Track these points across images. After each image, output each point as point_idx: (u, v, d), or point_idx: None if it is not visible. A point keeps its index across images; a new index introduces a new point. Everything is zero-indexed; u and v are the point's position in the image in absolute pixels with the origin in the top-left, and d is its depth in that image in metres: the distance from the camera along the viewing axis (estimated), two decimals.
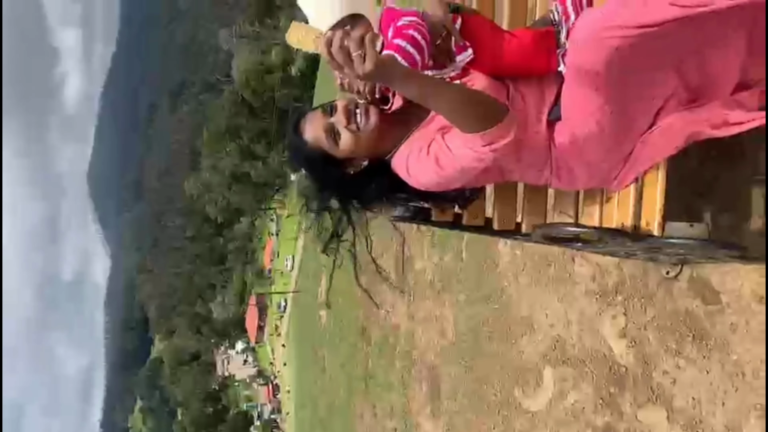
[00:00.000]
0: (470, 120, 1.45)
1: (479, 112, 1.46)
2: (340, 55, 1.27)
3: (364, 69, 1.26)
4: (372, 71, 1.27)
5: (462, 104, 1.45)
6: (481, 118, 1.45)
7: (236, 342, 74.47)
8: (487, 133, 1.44)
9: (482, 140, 1.46)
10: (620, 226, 1.84)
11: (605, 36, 1.40)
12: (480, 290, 3.96)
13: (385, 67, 1.30)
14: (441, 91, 1.46)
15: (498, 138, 1.46)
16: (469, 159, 1.51)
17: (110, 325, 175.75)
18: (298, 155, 1.73)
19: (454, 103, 1.45)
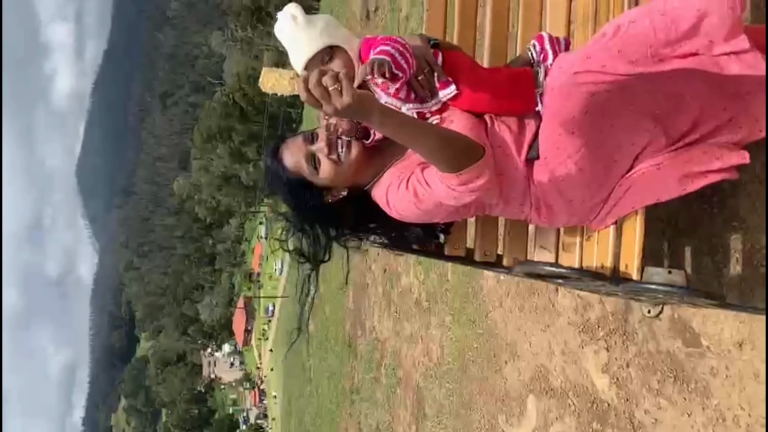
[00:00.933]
0: (446, 160, 1.46)
1: (455, 152, 1.47)
2: (317, 91, 1.25)
3: (342, 102, 1.26)
4: (350, 104, 1.26)
5: (439, 145, 1.46)
6: (457, 158, 1.46)
7: (223, 344, 74.12)
8: (462, 173, 1.46)
9: (458, 180, 1.47)
10: (600, 267, 1.85)
11: (581, 82, 1.41)
12: (465, 313, 3.96)
13: (362, 102, 1.30)
14: (418, 131, 1.47)
15: (473, 178, 1.47)
16: (445, 196, 1.52)
17: (96, 323, 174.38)
18: (276, 180, 1.72)
19: (431, 143, 1.45)
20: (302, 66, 1.62)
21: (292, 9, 1.61)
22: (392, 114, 1.44)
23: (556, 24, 1.96)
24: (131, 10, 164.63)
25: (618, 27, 1.40)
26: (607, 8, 1.81)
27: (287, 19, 1.60)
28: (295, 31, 1.60)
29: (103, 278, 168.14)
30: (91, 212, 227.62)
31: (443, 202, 1.54)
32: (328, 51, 1.61)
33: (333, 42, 1.61)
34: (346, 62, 1.63)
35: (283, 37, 1.63)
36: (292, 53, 1.63)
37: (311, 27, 1.60)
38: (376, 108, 1.36)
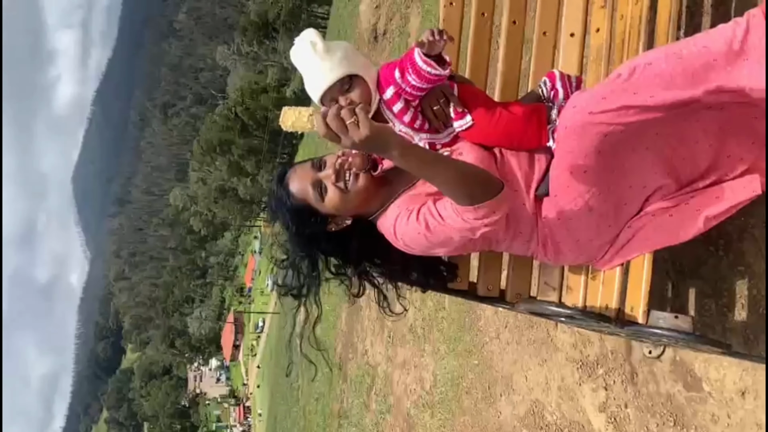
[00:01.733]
0: (464, 194, 1.45)
1: (474, 186, 1.45)
2: (334, 124, 1.27)
3: (359, 135, 1.27)
4: (368, 137, 1.27)
5: (457, 178, 1.45)
6: (476, 192, 1.45)
7: (210, 359, 73.34)
8: (480, 206, 1.44)
9: (474, 213, 1.45)
10: (604, 308, 1.84)
11: (595, 122, 1.41)
12: (461, 343, 3.92)
13: (380, 135, 1.31)
14: (438, 164, 1.45)
15: (490, 212, 1.46)
16: (459, 229, 1.51)
17: (82, 332, 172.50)
18: (280, 205, 1.69)
19: (450, 176, 1.44)
20: (321, 94, 1.60)
21: (312, 36, 1.59)
22: (411, 147, 1.43)
23: (569, 61, 1.97)
24: (138, 19, 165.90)
25: (634, 68, 1.39)
26: (621, 48, 1.82)
27: (306, 46, 1.58)
28: (315, 58, 1.58)
29: (92, 287, 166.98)
30: (84, 220, 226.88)
31: (455, 235, 1.53)
32: (347, 80, 1.59)
33: (352, 71, 1.59)
34: (364, 91, 1.62)
35: (301, 63, 1.61)
36: (310, 80, 1.61)
37: (331, 55, 1.58)
38: (394, 141, 1.36)
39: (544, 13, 1.99)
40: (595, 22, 1.94)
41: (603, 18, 1.91)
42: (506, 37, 2.00)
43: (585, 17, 1.96)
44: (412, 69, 1.61)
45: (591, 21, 1.96)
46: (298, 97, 49.64)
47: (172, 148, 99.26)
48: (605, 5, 1.92)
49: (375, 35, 8.16)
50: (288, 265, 1.78)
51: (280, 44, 50.30)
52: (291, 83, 50.64)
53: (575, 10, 1.97)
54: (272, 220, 1.79)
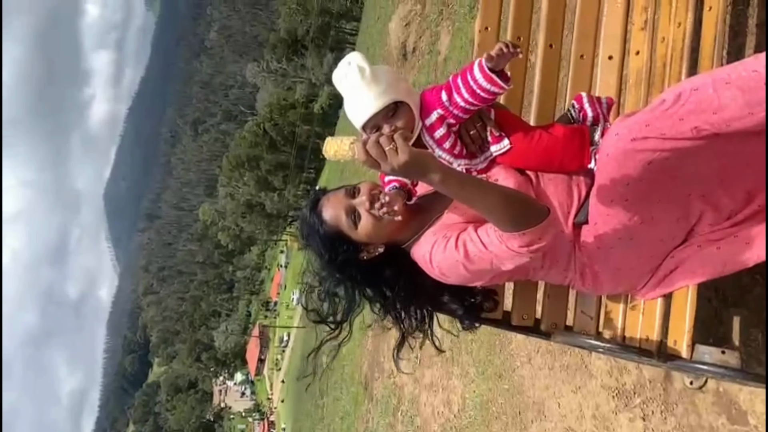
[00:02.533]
0: (508, 219, 1.40)
1: (518, 211, 1.41)
2: (374, 150, 1.28)
3: (398, 161, 1.27)
4: (406, 162, 1.27)
5: (502, 203, 1.40)
6: (520, 218, 1.40)
7: (235, 373, 73.64)
8: (526, 233, 1.39)
9: (520, 240, 1.40)
10: (645, 340, 1.77)
11: (638, 149, 1.37)
12: (491, 366, 3.85)
13: (419, 161, 1.30)
14: (481, 189, 1.42)
15: (535, 240, 1.41)
16: (503, 257, 1.46)
17: (110, 346, 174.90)
18: (312, 232, 1.66)
19: (493, 201, 1.40)
20: (365, 120, 1.57)
21: (359, 60, 1.55)
22: (452, 171, 1.41)
23: (607, 84, 1.94)
24: (170, 39, 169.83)
25: (679, 94, 1.36)
26: (663, 71, 1.78)
27: (354, 71, 1.54)
28: (362, 84, 1.54)
29: (121, 301, 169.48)
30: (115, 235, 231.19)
31: (496, 263, 1.48)
32: (393, 106, 1.56)
33: (398, 98, 1.56)
34: (408, 118, 1.59)
35: (346, 88, 1.57)
36: (355, 107, 1.58)
37: (377, 81, 1.55)
38: (434, 165, 1.33)
39: (581, 35, 1.96)
40: (634, 44, 1.91)
41: (643, 40, 1.88)
42: (542, 60, 1.97)
43: (624, 39, 1.92)
44: (465, 86, 1.57)
45: (630, 43, 1.93)
46: (326, 112, 50.24)
47: (202, 164, 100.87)
48: (645, 27, 1.88)
49: (404, 53, 8.18)
50: (322, 292, 1.75)
51: (309, 60, 51.00)
52: (319, 99, 51.27)
53: (614, 32, 1.94)
54: (304, 247, 1.76)
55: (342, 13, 46.53)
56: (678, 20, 1.73)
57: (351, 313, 1.75)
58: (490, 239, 1.46)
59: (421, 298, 1.80)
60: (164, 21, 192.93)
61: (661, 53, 1.80)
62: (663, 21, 1.80)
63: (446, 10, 6.49)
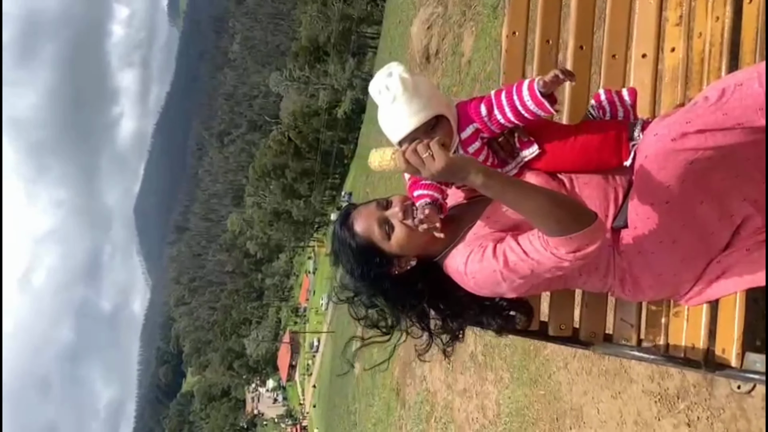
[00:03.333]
0: (555, 222, 1.36)
1: (566, 215, 1.37)
2: (413, 158, 1.31)
3: (435, 167, 1.30)
4: (443, 168, 1.30)
5: (547, 205, 1.37)
6: (568, 221, 1.36)
7: (267, 379, 74.18)
8: (573, 237, 1.35)
9: (568, 245, 1.36)
10: (690, 348, 1.71)
11: (679, 149, 1.32)
12: (526, 372, 3.79)
13: (456, 164, 1.32)
14: (525, 191, 1.39)
15: (584, 245, 1.37)
16: (548, 264, 1.41)
17: (144, 358, 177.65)
18: (343, 246, 1.63)
19: (539, 203, 1.37)
20: (406, 134, 1.52)
21: (401, 71, 1.51)
22: (496, 174, 1.38)
23: (642, 84, 1.88)
24: (194, 53, 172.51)
25: (723, 91, 1.31)
26: (701, 68, 1.72)
27: (395, 82, 1.50)
28: (404, 97, 1.50)
29: (153, 314, 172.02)
30: (146, 248, 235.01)
31: (538, 272, 1.44)
32: (433, 120, 1.52)
33: (440, 111, 1.53)
34: (447, 132, 1.56)
35: (387, 99, 1.52)
36: (395, 119, 1.53)
37: (419, 94, 1.50)
38: (474, 167, 1.33)
39: (612, 34, 1.91)
40: (669, 41, 1.85)
41: (678, 36, 1.82)
42: (573, 63, 1.93)
43: (658, 36, 1.87)
44: (510, 105, 1.54)
45: (665, 40, 1.87)
46: (349, 117, 50.40)
47: (229, 174, 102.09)
48: (680, 23, 1.82)
49: (427, 56, 8.15)
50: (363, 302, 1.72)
51: (331, 67, 51.29)
52: (342, 104, 51.50)
53: (647, 29, 1.89)
54: (335, 264, 1.73)
55: (363, 18, 46.71)
56: (716, 14, 1.67)
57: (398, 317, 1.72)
58: (533, 246, 1.42)
59: (454, 312, 1.76)
60: (187, 36, 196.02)
61: (698, 49, 1.75)
62: (699, 15, 1.75)
63: (469, 11, 6.45)
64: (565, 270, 1.42)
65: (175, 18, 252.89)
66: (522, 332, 2.02)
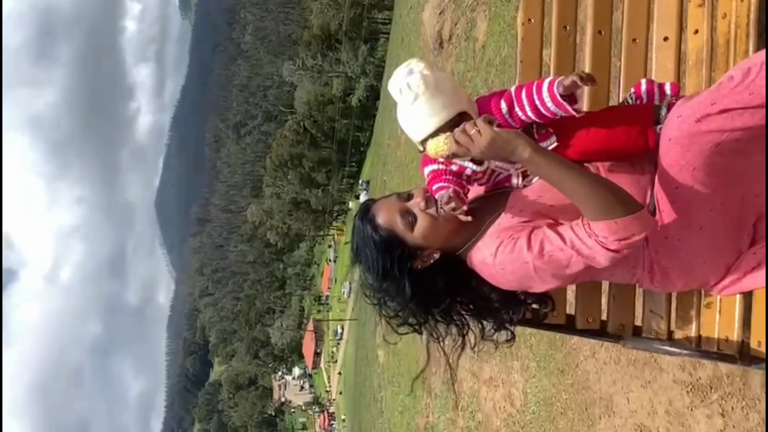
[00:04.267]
0: (605, 204, 1.33)
1: (614, 197, 1.35)
2: (462, 137, 1.35)
3: (483, 141, 1.34)
4: (490, 141, 1.34)
5: (596, 186, 1.35)
6: (617, 204, 1.34)
7: (293, 368, 75.03)
8: (620, 222, 1.32)
9: (615, 232, 1.33)
10: (724, 340, 1.65)
11: (704, 130, 1.27)
12: (553, 361, 3.74)
13: (503, 137, 1.34)
14: (573, 171, 1.37)
15: (632, 234, 1.33)
16: (591, 253, 1.37)
17: (171, 349, 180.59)
18: (365, 239, 1.58)
19: (588, 183, 1.36)
20: (429, 132, 1.48)
21: (422, 67, 1.47)
22: (543, 150, 1.39)
23: (664, 68, 1.81)
24: (207, 46, 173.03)
25: (749, 69, 1.25)
26: (726, 50, 1.65)
27: (417, 80, 1.46)
28: (426, 95, 1.46)
29: (179, 305, 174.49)
30: (168, 241, 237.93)
31: (578, 260, 1.40)
32: (457, 118, 1.47)
33: (462, 109, 1.49)
34: None
35: (408, 97, 1.48)
36: (417, 118, 1.48)
37: (441, 91, 1.46)
38: (521, 143, 1.35)
39: (632, 18, 1.83)
40: (692, 23, 1.77)
41: (702, 18, 1.74)
42: (592, 49, 1.86)
43: (680, 18, 1.79)
44: (530, 103, 1.49)
45: (687, 22, 1.79)
46: (363, 105, 50.25)
47: (246, 165, 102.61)
48: (703, 3, 1.74)
49: (440, 42, 8.04)
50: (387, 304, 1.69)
51: (344, 54, 51.08)
52: (356, 92, 51.33)
53: (668, 11, 1.81)
54: (356, 261, 1.69)
55: (373, 4, 46.36)
56: None
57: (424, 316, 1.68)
58: (575, 234, 1.38)
59: (479, 307, 1.72)
60: (200, 29, 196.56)
61: (723, 30, 1.67)
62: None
63: None
64: (610, 260, 1.38)
65: (187, 11, 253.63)
66: (549, 326, 1.97)
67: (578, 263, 1.41)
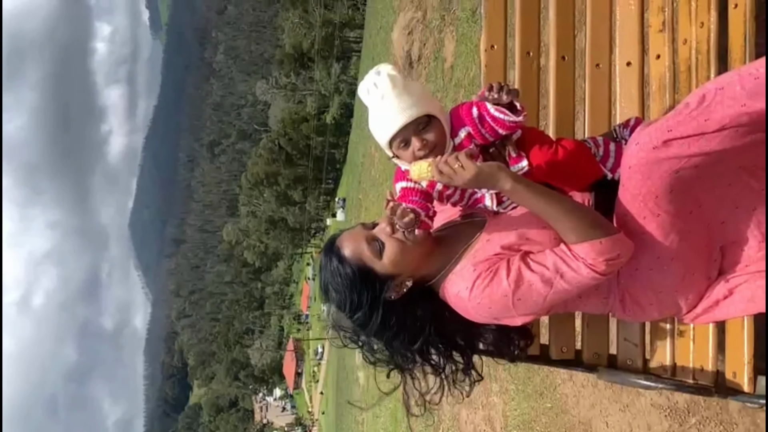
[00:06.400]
0: (589, 225, 1.35)
1: (594, 220, 1.37)
2: (444, 168, 1.36)
3: (465, 176, 1.34)
4: (472, 176, 1.34)
5: (576, 211, 1.37)
6: (599, 226, 1.35)
7: (274, 388, 74.03)
8: (604, 241, 1.33)
9: (601, 253, 1.33)
10: (699, 370, 1.62)
11: (662, 157, 1.25)
12: (531, 384, 3.69)
13: (485, 172, 1.35)
14: (554, 197, 1.39)
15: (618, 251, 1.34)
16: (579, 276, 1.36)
17: (150, 373, 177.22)
18: (333, 275, 1.50)
19: (569, 208, 1.37)
20: (395, 131, 1.47)
21: (389, 69, 1.48)
22: (524, 180, 1.39)
23: (628, 93, 1.80)
24: (179, 65, 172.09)
25: (703, 96, 1.24)
26: (688, 76, 1.63)
27: (384, 80, 1.46)
28: (393, 93, 1.46)
29: (156, 328, 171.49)
30: (144, 263, 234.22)
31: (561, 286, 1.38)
32: (424, 119, 1.47)
33: (431, 111, 1.48)
34: (440, 131, 1.50)
35: (375, 97, 1.48)
36: (384, 117, 1.48)
37: (409, 92, 1.47)
38: (503, 175, 1.36)
39: (594, 43, 1.82)
40: (654, 48, 1.76)
41: (663, 43, 1.73)
42: (555, 75, 1.84)
43: (641, 43, 1.78)
44: (489, 116, 1.50)
45: (649, 47, 1.78)
46: (338, 122, 50.29)
47: (221, 185, 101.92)
48: (664, 29, 1.73)
49: (410, 61, 8.05)
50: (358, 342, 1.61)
51: (317, 72, 51.19)
52: (330, 109, 51.38)
53: (629, 36, 1.80)
54: (325, 300, 1.60)
55: (345, 23, 46.61)
56: (700, 20, 1.57)
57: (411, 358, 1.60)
58: (559, 258, 1.38)
59: (455, 340, 1.65)
60: (171, 48, 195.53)
61: (684, 56, 1.65)
62: (683, 21, 1.65)
63: (448, 15, 6.35)
64: (597, 280, 1.38)
65: (158, 31, 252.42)
66: (523, 357, 1.92)
67: (559, 290, 1.38)
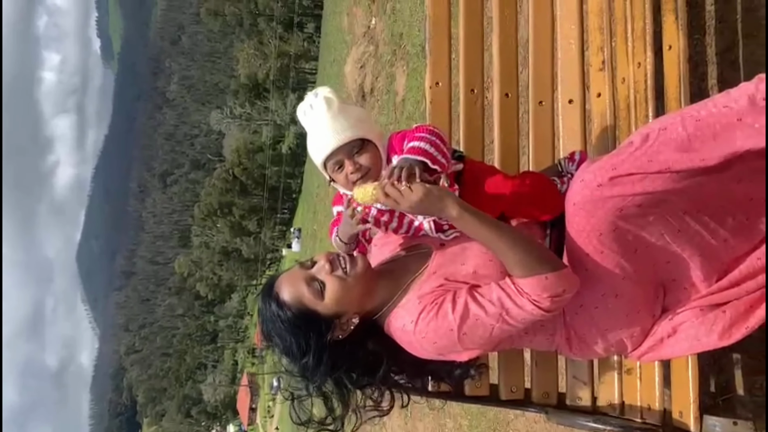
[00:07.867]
0: (535, 259, 1.32)
1: (541, 254, 1.34)
2: (391, 191, 1.34)
3: (412, 199, 1.33)
4: (420, 199, 1.33)
5: (523, 243, 1.34)
6: (545, 260, 1.32)
7: (228, 425, 71.80)
8: (550, 277, 1.29)
9: (546, 289, 1.30)
10: (646, 409, 1.63)
11: (606, 195, 1.25)
12: (484, 419, 3.65)
13: (433, 195, 1.34)
14: (501, 228, 1.35)
15: (564, 287, 1.31)
16: (523, 312, 1.33)
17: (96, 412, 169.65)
18: (273, 321, 1.43)
19: (515, 239, 1.33)
20: (329, 152, 1.49)
21: (327, 92, 1.49)
22: (470, 209, 1.37)
23: (571, 130, 1.82)
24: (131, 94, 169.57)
25: (647, 135, 1.25)
26: (627, 115, 1.66)
27: (320, 102, 1.48)
28: (328, 115, 1.47)
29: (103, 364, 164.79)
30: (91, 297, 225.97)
31: (506, 322, 1.34)
32: (359, 143, 1.48)
33: (365, 135, 1.49)
34: (374, 156, 1.51)
35: (311, 119, 1.49)
36: (318, 138, 1.49)
37: (345, 115, 1.48)
38: (450, 201, 1.34)
39: (537, 81, 1.84)
40: (595, 86, 1.80)
41: (603, 82, 1.77)
42: (500, 111, 1.85)
43: (583, 82, 1.81)
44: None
45: (590, 85, 1.81)
46: (294, 152, 50.29)
47: (173, 215, 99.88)
48: (603, 68, 1.77)
49: (363, 94, 8.13)
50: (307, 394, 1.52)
51: (272, 103, 51.26)
52: (285, 139, 51.36)
53: (571, 74, 1.83)
54: (268, 346, 1.52)
55: (300, 54, 46.98)
56: (637, 60, 1.61)
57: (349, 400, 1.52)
58: (504, 293, 1.34)
59: (405, 374, 1.60)
60: (123, 78, 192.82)
61: (624, 95, 1.69)
62: (621, 61, 1.69)
63: (399, 50, 6.44)
64: (542, 317, 1.34)
65: (109, 60, 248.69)
66: (473, 398, 1.90)
67: (504, 325, 1.35)
